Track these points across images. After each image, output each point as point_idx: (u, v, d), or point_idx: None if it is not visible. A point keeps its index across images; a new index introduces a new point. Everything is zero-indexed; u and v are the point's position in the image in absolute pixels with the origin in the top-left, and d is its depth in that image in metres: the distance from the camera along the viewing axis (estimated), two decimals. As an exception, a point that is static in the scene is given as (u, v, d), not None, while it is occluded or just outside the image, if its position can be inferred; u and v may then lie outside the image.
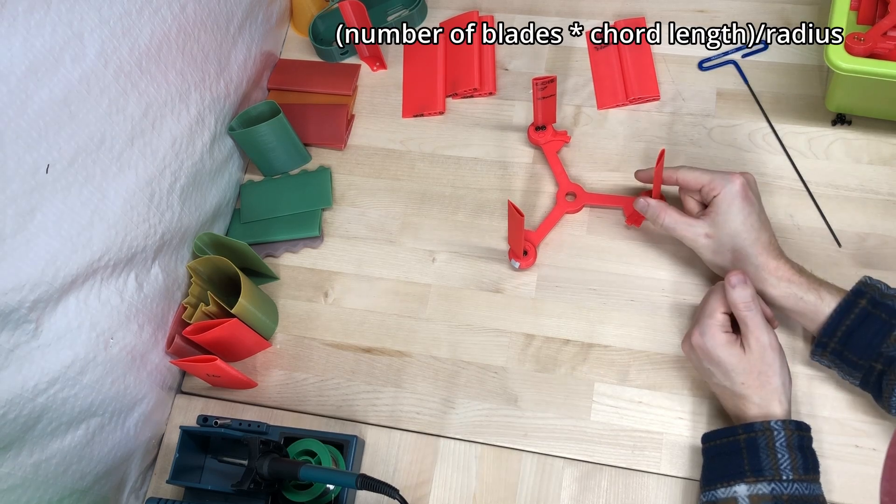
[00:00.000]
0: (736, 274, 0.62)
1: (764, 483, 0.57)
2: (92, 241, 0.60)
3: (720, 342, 0.62)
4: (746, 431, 0.59)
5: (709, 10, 0.87)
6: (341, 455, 0.69)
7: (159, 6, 0.65)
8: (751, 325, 0.61)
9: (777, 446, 0.58)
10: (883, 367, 0.60)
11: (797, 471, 0.57)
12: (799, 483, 0.57)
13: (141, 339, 0.69)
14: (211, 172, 0.78)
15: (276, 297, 0.80)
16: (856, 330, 0.61)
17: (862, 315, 0.61)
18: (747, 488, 0.57)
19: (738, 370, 0.61)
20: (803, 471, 0.57)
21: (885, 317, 0.60)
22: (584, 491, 0.68)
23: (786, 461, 0.57)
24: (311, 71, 0.91)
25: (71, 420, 0.61)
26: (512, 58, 0.89)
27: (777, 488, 0.56)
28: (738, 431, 0.60)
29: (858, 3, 0.74)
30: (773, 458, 0.57)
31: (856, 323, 0.61)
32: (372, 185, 0.85)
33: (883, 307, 0.61)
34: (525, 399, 0.72)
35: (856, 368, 0.62)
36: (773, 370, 0.61)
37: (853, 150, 0.78)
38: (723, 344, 0.62)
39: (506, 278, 0.78)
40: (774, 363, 0.61)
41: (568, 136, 0.82)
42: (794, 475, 0.57)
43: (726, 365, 0.62)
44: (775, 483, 0.57)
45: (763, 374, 0.61)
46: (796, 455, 0.58)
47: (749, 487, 0.57)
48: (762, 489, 0.57)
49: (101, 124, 0.60)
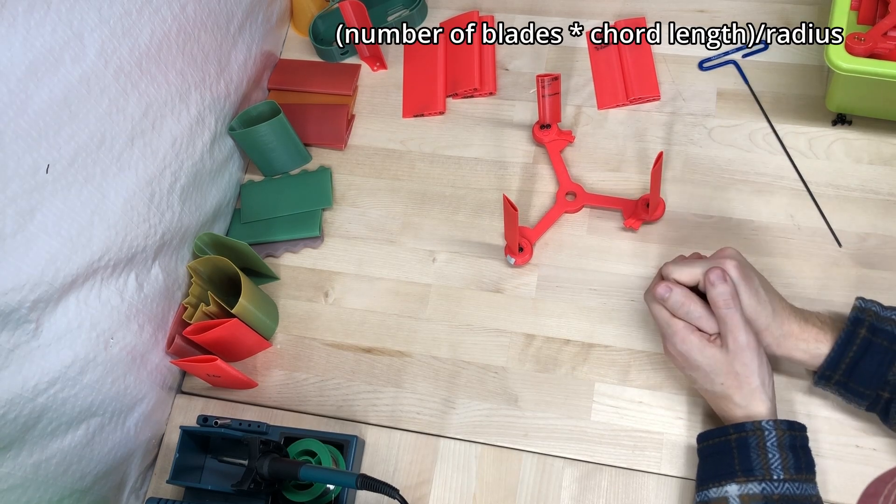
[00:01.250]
0: (714, 270, 0.60)
1: (754, 483, 0.57)
2: (92, 241, 0.60)
3: (694, 346, 0.61)
4: (737, 431, 0.59)
5: (709, 10, 0.87)
6: (341, 455, 0.69)
7: (159, 6, 0.65)
8: (730, 323, 0.59)
9: (768, 446, 0.58)
10: (890, 395, 0.60)
11: (788, 470, 0.57)
12: (790, 483, 0.57)
13: (141, 339, 0.69)
14: (211, 172, 0.78)
15: (276, 297, 0.80)
16: (859, 361, 0.60)
17: (864, 346, 0.60)
18: (738, 488, 0.57)
19: (716, 371, 0.60)
20: (795, 470, 0.57)
21: (887, 343, 0.59)
22: (584, 491, 0.68)
23: (776, 461, 0.57)
24: (311, 71, 0.91)
25: (71, 420, 0.61)
26: (512, 58, 0.89)
27: (767, 488, 0.56)
28: (730, 431, 0.60)
29: (859, 3, 0.74)
30: (764, 458, 0.57)
31: (858, 354, 0.60)
32: (372, 185, 0.85)
33: (883, 333, 0.60)
34: (525, 399, 0.72)
35: (861, 397, 0.62)
36: (751, 370, 0.60)
37: (853, 150, 0.78)
38: (697, 347, 0.61)
39: (506, 278, 0.78)
40: (752, 363, 0.60)
41: (572, 135, 0.82)
42: (786, 475, 0.57)
43: (704, 368, 0.61)
44: (766, 483, 0.57)
45: (741, 374, 0.60)
46: (787, 455, 0.57)
47: (740, 487, 0.57)
48: (752, 489, 0.57)
49: (101, 124, 0.60)
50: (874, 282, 0.72)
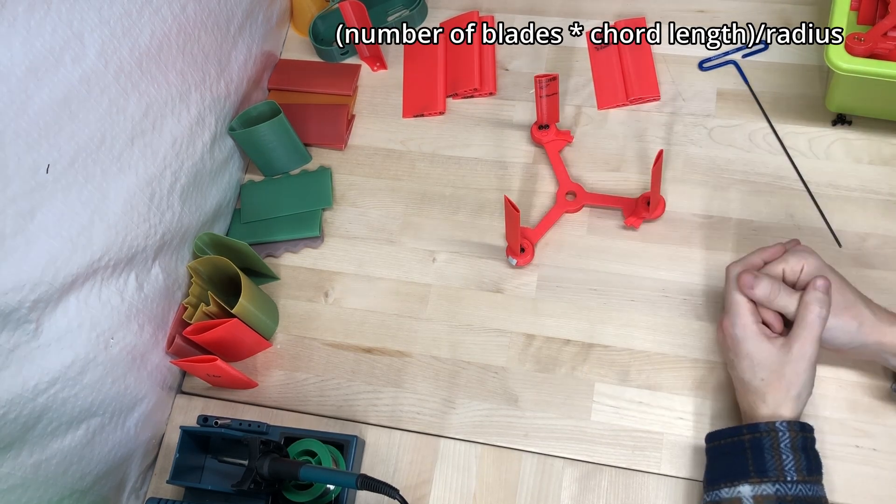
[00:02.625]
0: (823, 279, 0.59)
1: (768, 484, 0.57)
2: (92, 241, 0.60)
3: (751, 335, 0.61)
4: (751, 432, 0.59)
5: (709, 10, 0.87)
6: (341, 455, 0.69)
7: (159, 6, 0.65)
8: (810, 330, 0.59)
9: (782, 447, 0.58)
10: None
11: (801, 472, 0.57)
12: (803, 484, 0.57)
13: (141, 339, 0.69)
14: (211, 172, 0.78)
15: (276, 297, 0.80)
16: None
17: None
18: (751, 489, 0.57)
19: (763, 366, 0.60)
20: (807, 472, 0.57)
21: None
22: (584, 491, 0.68)
23: (790, 462, 0.57)
24: (311, 71, 0.91)
25: (71, 420, 0.61)
26: (512, 58, 0.89)
27: (781, 489, 0.56)
28: (743, 431, 0.60)
29: (858, 4, 0.74)
30: (778, 459, 0.57)
31: None
32: (372, 185, 0.85)
33: None
34: (525, 399, 0.72)
35: None
36: (799, 380, 0.59)
37: (853, 151, 0.78)
38: (754, 338, 0.60)
39: (506, 278, 0.78)
40: (804, 374, 0.59)
41: (571, 135, 0.82)
42: (798, 476, 0.57)
43: (753, 359, 0.60)
44: (780, 484, 0.57)
45: (787, 379, 0.59)
46: (800, 456, 0.57)
47: (753, 488, 0.57)
48: (766, 490, 0.57)
49: (102, 124, 0.60)
50: (874, 282, 0.72)
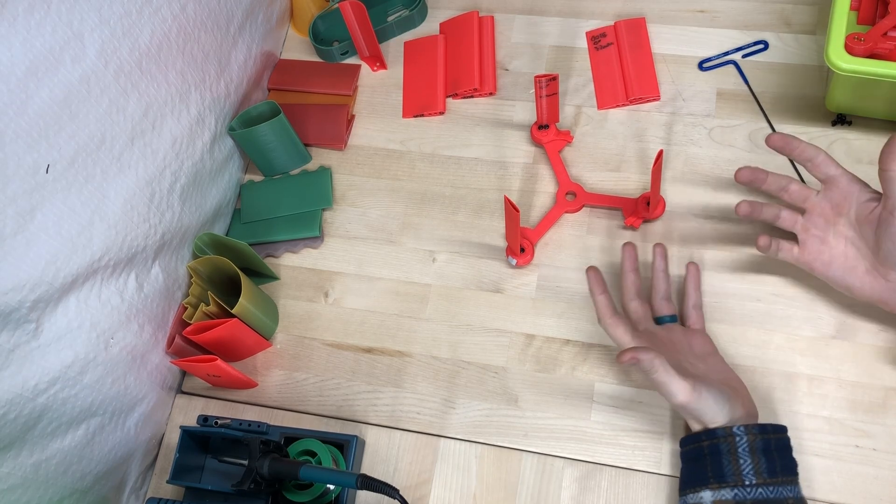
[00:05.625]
0: (643, 353, 0.58)
1: (727, 489, 0.57)
2: (92, 241, 0.60)
3: None
4: (709, 438, 0.59)
5: (709, 10, 0.87)
6: (341, 455, 0.69)
7: (159, 6, 0.65)
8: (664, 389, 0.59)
9: (739, 451, 0.57)
10: None
11: (761, 475, 0.57)
12: (763, 487, 0.56)
13: (141, 339, 0.69)
14: (211, 172, 0.78)
15: (276, 297, 0.80)
16: None
17: None
18: (711, 494, 0.57)
19: None
20: (768, 474, 0.57)
21: None
22: (584, 491, 0.68)
23: (748, 466, 0.57)
24: (311, 71, 0.91)
25: (71, 420, 0.61)
26: (512, 58, 0.89)
27: (740, 493, 0.56)
28: (702, 438, 0.60)
29: (858, 3, 0.74)
30: (735, 464, 0.57)
31: None
32: (372, 185, 0.85)
33: None
34: (525, 399, 0.72)
35: None
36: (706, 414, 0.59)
37: (853, 151, 0.78)
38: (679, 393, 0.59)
39: (506, 278, 0.78)
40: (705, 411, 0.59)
41: (571, 135, 0.82)
42: (758, 479, 0.56)
43: None
44: (738, 489, 0.56)
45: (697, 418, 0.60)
46: (759, 459, 0.57)
47: (713, 493, 0.57)
48: (725, 495, 0.57)
49: (102, 124, 0.60)
50: (874, 282, 0.72)
